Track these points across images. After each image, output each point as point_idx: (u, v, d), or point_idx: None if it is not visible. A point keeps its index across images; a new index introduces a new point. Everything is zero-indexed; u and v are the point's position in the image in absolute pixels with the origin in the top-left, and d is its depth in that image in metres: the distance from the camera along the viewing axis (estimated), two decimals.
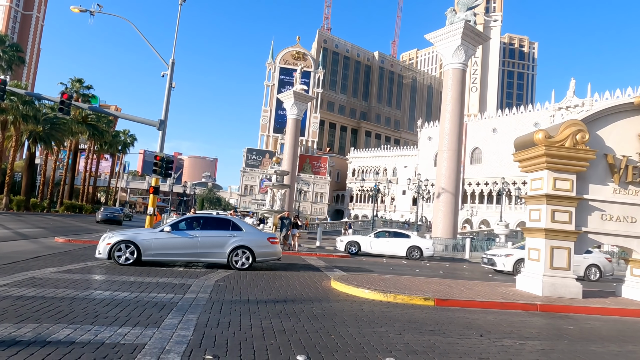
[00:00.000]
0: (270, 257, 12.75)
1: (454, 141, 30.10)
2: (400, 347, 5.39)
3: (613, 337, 7.06)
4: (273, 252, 12.61)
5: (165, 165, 23.68)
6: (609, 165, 10.93)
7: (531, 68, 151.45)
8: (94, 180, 67.66)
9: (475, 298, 9.30)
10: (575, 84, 66.68)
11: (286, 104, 41.64)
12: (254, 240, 12.21)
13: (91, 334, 4.95)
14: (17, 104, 40.70)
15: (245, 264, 11.99)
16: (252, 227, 13.19)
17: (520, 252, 17.98)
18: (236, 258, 11.96)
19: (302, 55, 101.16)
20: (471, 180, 76.48)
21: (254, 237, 12.30)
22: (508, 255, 17.54)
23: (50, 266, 10.19)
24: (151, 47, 23.87)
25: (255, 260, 12.15)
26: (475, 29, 30.61)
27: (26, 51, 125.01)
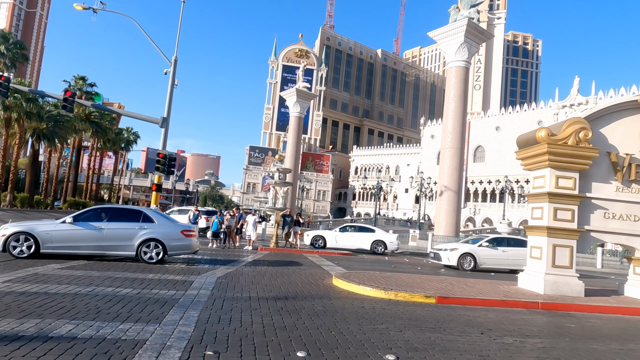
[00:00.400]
0: (185, 251, 12.06)
1: (457, 139, 30.03)
2: (401, 344, 5.40)
3: (615, 336, 7.05)
4: (187, 245, 11.91)
5: (168, 162, 23.74)
6: (612, 163, 10.88)
7: (535, 66, 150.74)
8: (97, 177, 67.87)
9: (476, 296, 9.30)
10: (580, 82, 66.40)
11: (289, 102, 41.65)
12: (166, 233, 11.54)
13: (93, 330, 4.98)
14: (20, 102, 40.83)
15: (154, 258, 11.38)
16: (167, 219, 12.40)
17: (465, 246, 17.78)
18: (146, 250, 11.36)
19: (305, 53, 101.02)
20: (474, 179, 76.30)
21: (166, 230, 11.62)
22: (453, 250, 17.32)
23: (53, 262, 10.25)
24: (154, 45, 23.90)
25: (167, 253, 11.54)
26: (479, 26, 30.49)
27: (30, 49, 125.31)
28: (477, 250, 17.45)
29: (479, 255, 17.30)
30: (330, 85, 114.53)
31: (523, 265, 17.11)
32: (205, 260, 13.61)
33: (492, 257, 17.40)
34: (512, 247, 17.63)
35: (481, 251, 17.42)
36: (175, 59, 24.89)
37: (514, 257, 17.24)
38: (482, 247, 17.51)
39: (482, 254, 17.34)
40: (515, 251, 17.32)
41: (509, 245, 17.72)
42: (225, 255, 15.95)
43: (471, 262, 17.12)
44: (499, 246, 17.66)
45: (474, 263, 17.14)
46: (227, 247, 19.44)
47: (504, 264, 17.47)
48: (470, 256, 17.21)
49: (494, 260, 17.40)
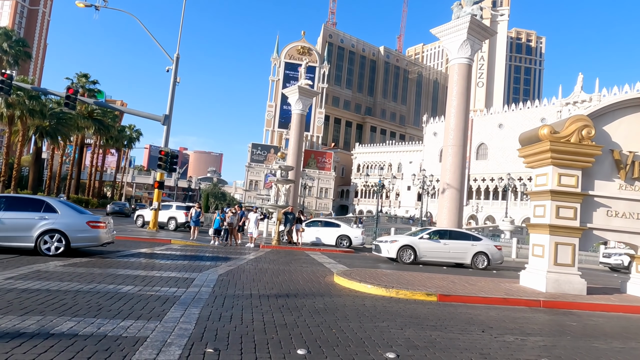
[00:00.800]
0: (90, 243, 11.22)
1: (460, 137, 29.92)
2: (401, 342, 5.39)
3: (617, 334, 7.03)
4: (94, 237, 11.08)
5: (170, 160, 23.78)
6: (615, 161, 10.82)
7: (538, 63, 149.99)
8: (100, 174, 68.10)
9: (478, 294, 9.28)
10: (583, 79, 66.03)
11: (291, 99, 41.57)
12: (69, 224, 10.76)
13: (94, 327, 4.99)
14: (23, 99, 40.98)
15: (53, 251, 10.64)
16: (73, 209, 11.52)
17: (405, 238, 17.45)
18: (46, 241, 10.60)
19: (307, 50, 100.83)
20: (477, 176, 76.13)
21: (69, 220, 10.83)
22: (393, 242, 16.99)
23: (55, 260, 10.28)
24: (156, 42, 23.91)
25: (70, 246, 10.78)
26: (482, 23, 30.31)
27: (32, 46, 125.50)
28: (418, 242, 17.01)
29: (419, 247, 16.85)
30: (333, 83, 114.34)
31: (464, 258, 16.95)
32: (207, 257, 13.64)
33: (433, 249, 16.96)
34: (454, 240, 17.26)
35: (422, 244, 16.97)
36: (177, 56, 24.89)
37: (456, 250, 16.99)
38: (422, 239, 17.08)
39: (422, 247, 16.89)
40: (457, 244, 17.06)
41: (451, 238, 17.32)
42: (227, 252, 15.97)
43: (411, 255, 16.72)
44: (441, 239, 17.23)
45: (413, 256, 16.72)
46: (229, 245, 19.47)
47: (445, 257, 17.07)
48: (410, 249, 16.78)
49: (435, 253, 16.97)
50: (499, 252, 17.64)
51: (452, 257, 17.12)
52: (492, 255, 17.30)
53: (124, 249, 13.86)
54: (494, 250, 17.51)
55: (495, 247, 17.67)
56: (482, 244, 17.36)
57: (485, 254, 17.12)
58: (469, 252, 17.04)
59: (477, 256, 17.06)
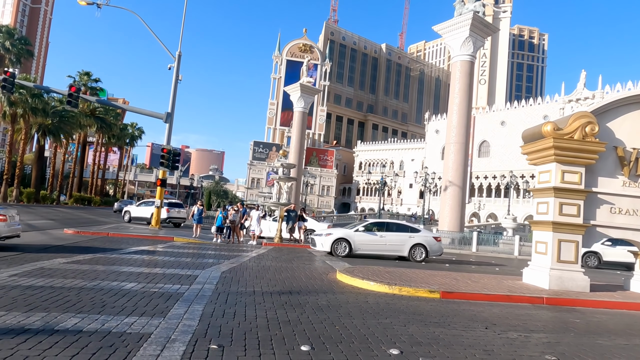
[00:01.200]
0: None
1: (462, 134, 29.88)
2: (405, 338, 5.39)
3: (620, 331, 7.01)
4: None
5: (173, 157, 23.81)
6: (618, 157, 10.77)
7: (541, 60, 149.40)
8: (102, 172, 68.26)
9: (481, 291, 9.27)
10: (586, 76, 65.74)
11: (293, 97, 41.55)
12: None
13: (98, 323, 5.01)
14: (26, 97, 41.06)
15: None
16: None
17: (339, 231, 16.92)
18: None
19: (309, 48, 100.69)
20: (479, 174, 75.99)
21: None
22: (327, 235, 16.52)
23: (59, 257, 10.32)
24: (158, 40, 23.90)
25: None
26: (484, 20, 30.22)
27: (35, 44, 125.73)
28: (353, 235, 16.43)
29: (354, 240, 16.28)
30: (335, 80, 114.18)
31: (402, 250, 16.48)
32: (210, 255, 13.67)
33: (369, 242, 16.41)
34: (391, 232, 16.75)
35: (357, 236, 16.40)
36: (179, 54, 24.88)
37: (392, 242, 16.49)
38: (358, 232, 16.55)
39: (357, 239, 16.33)
40: (394, 236, 16.57)
41: (389, 230, 16.78)
42: (230, 250, 16.00)
43: (346, 248, 16.16)
44: (378, 231, 16.68)
45: (348, 249, 16.17)
46: (231, 242, 19.50)
47: (381, 249, 16.60)
48: (344, 241, 16.20)
49: (371, 246, 16.45)
50: (438, 244, 17.16)
51: (389, 250, 16.63)
52: (431, 247, 16.78)
53: (126, 247, 13.90)
54: (433, 242, 17.00)
55: (434, 239, 17.18)
56: (420, 236, 16.84)
57: (423, 245, 16.61)
58: (406, 244, 16.54)
59: (415, 248, 16.56)
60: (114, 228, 20.83)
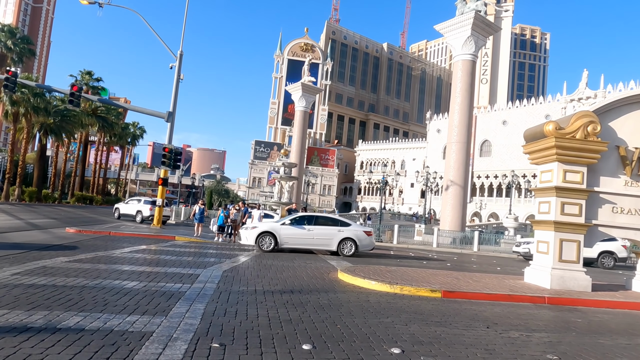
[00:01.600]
0: None
1: (463, 133, 29.85)
2: (406, 337, 5.39)
3: (622, 331, 7.00)
4: None
5: (174, 157, 23.83)
6: (621, 157, 10.75)
7: (543, 59, 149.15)
8: (104, 172, 68.35)
9: (482, 290, 9.27)
10: (588, 76, 65.56)
11: (294, 96, 41.57)
12: None
13: (100, 322, 5.02)
14: (28, 96, 41.13)
15: None
16: None
17: (265, 225, 16.44)
18: None
19: (311, 47, 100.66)
20: (480, 173, 75.91)
21: None
22: (253, 228, 16.02)
23: (61, 255, 10.35)
24: (159, 39, 23.92)
25: None
26: (486, 19, 30.19)
27: (36, 44, 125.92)
28: (279, 228, 15.88)
29: (280, 234, 15.73)
30: (336, 80, 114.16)
31: (330, 244, 15.97)
32: (211, 254, 13.68)
33: (296, 236, 15.88)
34: (320, 225, 16.21)
35: (283, 230, 15.85)
36: (180, 53, 24.90)
37: (320, 235, 15.96)
38: (284, 225, 16.05)
39: (283, 233, 15.78)
40: (322, 230, 16.05)
41: (317, 224, 16.22)
42: (231, 249, 16.01)
43: (271, 242, 15.62)
44: (307, 224, 16.12)
45: (274, 242, 15.63)
46: (233, 241, 19.52)
47: (308, 244, 16.08)
48: (270, 235, 15.65)
49: (297, 240, 15.93)
50: (369, 238, 16.54)
51: (317, 244, 16.13)
52: (361, 241, 16.21)
53: (128, 245, 13.93)
54: (363, 236, 16.39)
55: (365, 233, 16.53)
56: (349, 230, 16.30)
57: (352, 239, 16.07)
58: (335, 238, 16.02)
59: (344, 242, 16.03)
60: (115, 227, 20.87)
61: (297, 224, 16.13)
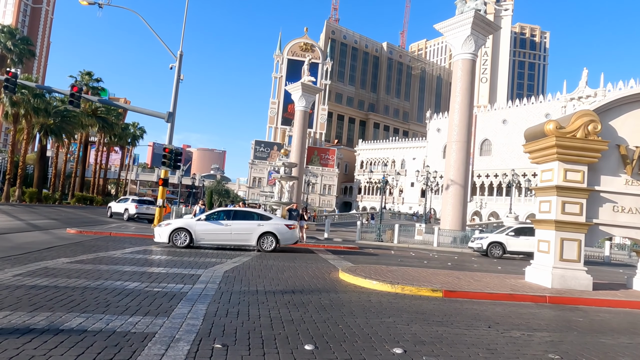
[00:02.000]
0: None
1: (463, 132, 29.85)
2: (408, 337, 5.40)
3: (623, 329, 7.01)
4: None
5: (174, 157, 23.83)
6: (621, 156, 10.75)
7: (542, 58, 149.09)
8: (104, 172, 68.36)
9: (483, 290, 9.28)
10: (588, 74, 65.66)
11: (294, 96, 41.55)
12: None
13: (103, 323, 5.03)
14: (28, 97, 41.12)
15: None
16: None
17: (179, 221, 15.90)
18: None
19: (310, 47, 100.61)
20: (480, 172, 75.89)
21: None
22: (167, 225, 15.20)
23: (62, 256, 10.36)
24: (159, 39, 23.92)
25: None
26: (486, 18, 30.17)
27: (36, 44, 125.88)
28: (194, 224, 15.15)
29: (195, 230, 14.99)
30: (336, 79, 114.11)
31: (249, 240, 15.27)
32: (212, 254, 13.69)
33: (212, 231, 15.17)
34: (238, 220, 15.53)
35: (198, 225, 15.12)
36: (180, 53, 24.90)
37: (239, 231, 15.30)
38: (200, 221, 15.33)
39: (199, 229, 15.05)
40: (241, 224, 15.38)
41: (235, 219, 15.57)
42: (232, 249, 16.02)
43: (186, 238, 14.85)
44: (225, 219, 15.46)
45: (189, 239, 14.86)
46: None
47: (226, 239, 15.41)
48: (184, 231, 14.90)
49: (214, 235, 15.23)
50: (290, 232, 15.98)
51: (235, 239, 15.48)
52: (282, 235, 15.64)
53: (129, 246, 13.94)
54: (284, 230, 15.82)
55: (287, 227, 15.96)
56: (270, 224, 15.69)
57: (273, 234, 15.47)
58: (254, 232, 15.38)
59: (264, 237, 15.41)
60: (116, 227, 20.88)
61: (214, 220, 15.46)
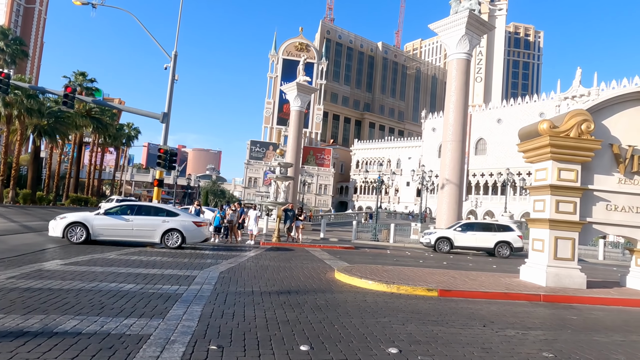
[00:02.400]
0: None
1: (458, 132, 29.94)
2: (403, 337, 5.42)
3: (617, 327, 7.06)
4: None
5: (169, 157, 23.76)
6: (614, 155, 10.84)
7: (537, 57, 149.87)
8: (99, 173, 67.99)
9: (478, 289, 9.32)
10: (582, 73, 65.96)
11: (289, 96, 41.51)
12: None
13: (97, 325, 5.01)
14: (21, 98, 40.80)
15: None
16: None
17: (75, 215, 14.64)
18: None
19: (305, 47, 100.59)
20: (475, 171, 76.21)
21: None
22: (62, 218, 14.26)
23: (57, 258, 10.30)
24: (153, 40, 23.83)
25: None
26: (480, 18, 30.26)
27: (29, 45, 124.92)
28: (91, 219, 14.22)
29: (92, 224, 14.08)
30: (331, 79, 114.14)
31: (152, 236, 14.53)
32: (208, 255, 13.66)
33: (112, 227, 14.33)
34: (142, 215, 14.79)
35: (97, 220, 14.24)
36: (175, 53, 24.81)
37: (142, 227, 14.50)
38: (98, 215, 14.49)
39: (97, 224, 14.18)
40: (144, 220, 14.62)
41: (140, 214, 14.82)
42: (228, 250, 16.00)
43: (82, 233, 13.98)
44: (128, 215, 14.67)
45: (85, 234, 13.99)
46: (229, 242, 19.50)
47: (127, 235, 14.61)
48: (80, 226, 13.99)
49: (114, 231, 14.43)
50: (198, 229, 15.16)
51: (137, 235, 14.63)
52: (188, 232, 14.85)
53: (124, 248, 13.87)
54: (191, 227, 15.01)
55: (194, 224, 15.15)
56: (176, 220, 14.88)
57: (179, 231, 14.72)
58: (158, 229, 14.59)
59: (169, 234, 14.65)
60: None
61: (115, 214, 14.69)
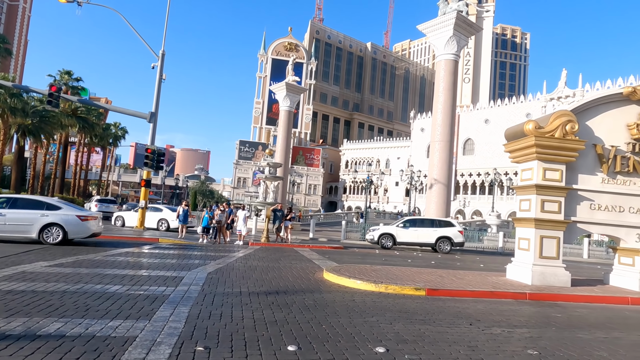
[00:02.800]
0: None
1: (447, 132, 30.18)
2: (391, 336, 5.45)
3: (600, 324, 7.19)
4: None
5: (157, 157, 23.55)
6: (597, 155, 11.04)
7: (523, 59, 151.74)
8: (85, 173, 67.00)
9: (465, 288, 9.41)
10: (567, 75, 66.99)
11: (278, 96, 41.41)
12: None
13: (82, 328, 4.94)
14: (4, 97, 40.02)
15: None
16: None
17: None
18: None
19: (294, 47, 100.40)
20: (463, 171, 76.91)
21: None
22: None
23: (41, 260, 10.13)
24: (140, 38, 23.60)
25: None
26: (468, 19, 30.55)
27: (13, 42, 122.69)
28: None
29: None
30: (320, 79, 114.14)
31: (29, 231, 13.35)
32: (196, 255, 13.56)
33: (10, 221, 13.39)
34: (18, 209, 13.63)
35: None
36: (162, 52, 24.59)
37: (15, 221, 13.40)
38: None
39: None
40: (19, 214, 13.50)
41: (14, 207, 13.67)
42: (216, 250, 15.90)
43: None
44: (5, 208, 13.61)
45: None
46: (218, 243, 19.38)
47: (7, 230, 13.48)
48: None
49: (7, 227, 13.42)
50: (83, 224, 14.02)
51: (10, 230, 13.45)
52: (70, 227, 13.74)
53: (111, 248, 13.70)
54: (74, 221, 13.86)
55: (78, 218, 13.95)
56: (56, 214, 13.71)
57: (60, 225, 13.63)
58: (36, 223, 13.49)
59: (48, 229, 13.60)
60: None
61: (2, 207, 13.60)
